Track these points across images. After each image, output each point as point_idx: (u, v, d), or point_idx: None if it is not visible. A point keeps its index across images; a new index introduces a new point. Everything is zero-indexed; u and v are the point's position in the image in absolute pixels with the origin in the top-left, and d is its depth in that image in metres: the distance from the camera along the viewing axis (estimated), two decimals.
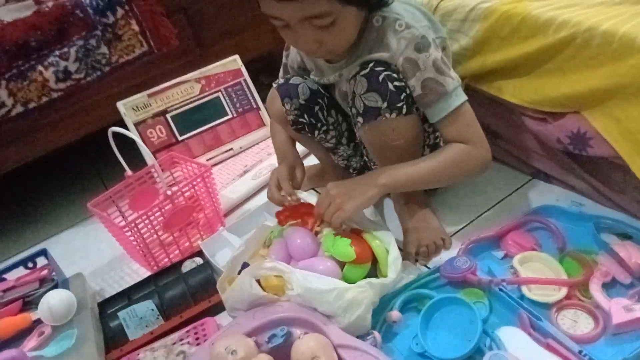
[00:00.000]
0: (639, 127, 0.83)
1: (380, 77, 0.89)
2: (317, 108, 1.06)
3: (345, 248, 0.87)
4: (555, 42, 0.91)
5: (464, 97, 0.92)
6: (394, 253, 0.87)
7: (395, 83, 0.89)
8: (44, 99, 1.35)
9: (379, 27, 0.91)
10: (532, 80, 0.99)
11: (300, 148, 1.20)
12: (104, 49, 1.39)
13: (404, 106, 0.90)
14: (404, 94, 0.90)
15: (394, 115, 0.90)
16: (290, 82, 1.06)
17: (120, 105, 1.47)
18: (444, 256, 0.99)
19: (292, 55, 1.11)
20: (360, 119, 0.94)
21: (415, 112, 0.93)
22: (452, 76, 0.91)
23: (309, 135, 1.10)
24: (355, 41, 0.92)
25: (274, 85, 1.09)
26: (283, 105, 1.06)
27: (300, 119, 1.06)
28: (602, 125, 0.89)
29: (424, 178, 0.93)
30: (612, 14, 0.87)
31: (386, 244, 0.90)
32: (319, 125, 1.08)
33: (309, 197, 0.96)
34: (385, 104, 0.90)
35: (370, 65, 0.90)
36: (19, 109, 1.32)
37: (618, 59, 0.84)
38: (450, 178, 0.97)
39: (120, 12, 1.39)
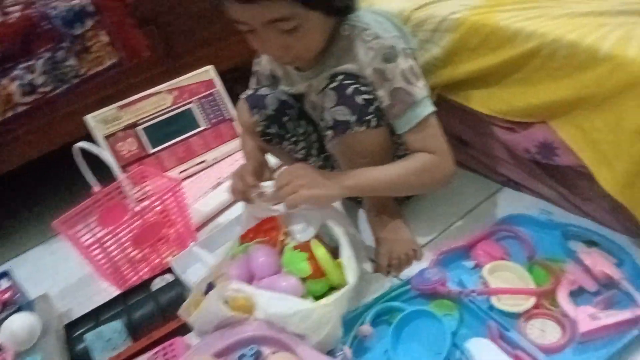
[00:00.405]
0: (604, 137, 0.84)
1: (349, 91, 0.89)
2: (285, 119, 1.06)
3: (301, 263, 0.87)
4: (523, 53, 0.92)
5: (432, 108, 0.92)
6: (346, 253, 0.86)
7: (364, 96, 0.89)
8: (9, 113, 1.32)
9: (348, 36, 0.91)
10: (501, 90, 1.00)
11: (273, 161, 1.20)
12: (72, 61, 1.37)
13: (373, 119, 0.90)
14: (372, 107, 0.90)
15: (363, 128, 0.90)
16: (259, 92, 1.06)
17: (90, 118, 1.44)
18: (415, 267, 0.99)
19: (262, 63, 1.11)
20: (330, 132, 0.94)
21: (385, 125, 0.93)
22: (420, 86, 0.91)
23: (278, 146, 1.09)
24: (324, 49, 0.92)
25: (243, 96, 1.08)
26: (251, 115, 1.05)
27: (269, 130, 1.06)
28: (568, 135, 0.90)
29: (388, 184, 0.92)
30: (577, 25, 0.88)
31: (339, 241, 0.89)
32: (287, 136, 1.07)
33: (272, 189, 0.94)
34: (354, 118, 0.89)
35: (339, 78, 0.90)
36: None
37: (583, 70, 0.85)
38: (414, 187, 0.97)
39: (89, 23, 1.37)
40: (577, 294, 0.83)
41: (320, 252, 0.87)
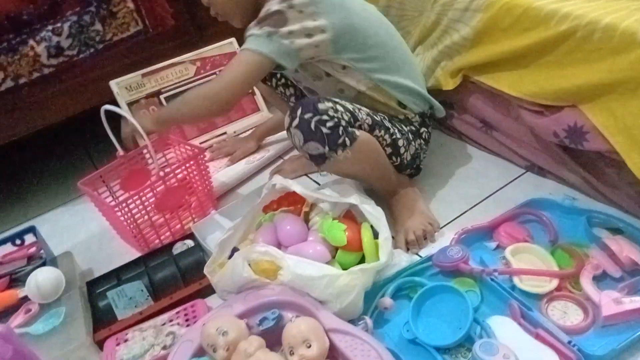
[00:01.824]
0: (636, 123, 0.84)
1: (312, 125, 0.90)
2: None
3: (339, 233, 0.87)
4: (556, 35, 0.91)
5: (250, 46, 0.94)
6: (384, 233, 0.86)
7: (328, 124, 0.91)
8: (35, 75, 1.32)
9: None
10: (531, 73, 0.99)
11: None
12: (98, 26, 1.37)
13: (346, 139, 0.92)
14: (340, 128, 0.91)
15: (339, 152, 0.92)
16: None
17: (113, 84, 1.44)
18: (435, 245, 1.00)
19: None
20: (314, 162, 0.96)
21: (359, 131, 0.95)
22: (264, 28, 0.93)
23: (269, 84, 1.17)
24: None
25: None
26: None
27: None
28: (599, 120, 0.89)
29: (178, 110, 1.06)
30: (613, 8, 0.87)
31: (376, 223, 0.90)
32: (277, 75, 1.16)
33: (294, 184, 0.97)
34: (327, 148, 0.91)
35: (298, 113, 0.91)
36: (9, 83, 1.30)
37: (618, 54, 0.84)
38: (195, 108, 1.01)
39: None
40: (601, 279, 0.83)
41: (367, 236, 0.88)
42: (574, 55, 0.91)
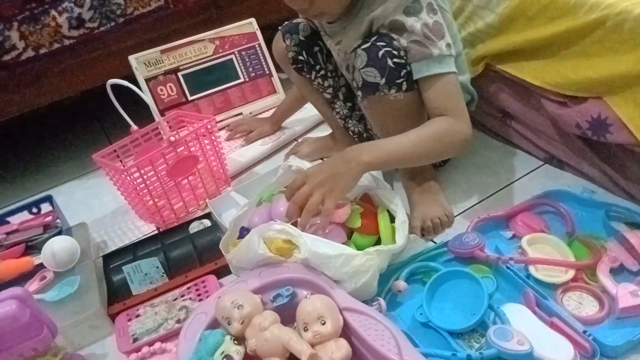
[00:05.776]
0: None
1: (380, 53, 0.88)
2: (316, 49, 1.08)
3: (354, 215, 0.87)
4: (585, 24, 0.90)
5: (449, 69, 0.89)
6: (401, 217, 0.86)
7: (395, 60, 0.88)
8: (56, 46, 1.33)
9: None
10: (557, 62, 0.98)
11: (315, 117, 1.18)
12: None
13: (404, 83, 0.90)
14: (404, 71, 0.89)
15: (392, 91, 0.90)
16: (294, 21, 1.10)
17: (132, 59, 1.44)
18: (450, 232, 0.99)
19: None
20: (359, 93, 0.94)
21: (417, 89, 0.92)
22: (440, 46, 0.88)
23: (309, 76, 1.11)
24: (351, 5, 0.93)
25: (280, 28, 1.12)
26: (284, 40, 1.09)
27: (300, 57, 1.08)
28: (624, 112, 0.88)
29: (407, 154, 0.88)
30: None
31: (392, 208, 0.89)
32: (317, 67, 1.10)
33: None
34: (383, 80, 0.89)
35: (373, 39, 0.90)
36: (30, 53, 1.30)
37: None
38: (432, 153, 0.92)
39: None
40: (618, 272, 0.82)
41: (384, 220, 0.87)
42: (602, 45, 0.89)
